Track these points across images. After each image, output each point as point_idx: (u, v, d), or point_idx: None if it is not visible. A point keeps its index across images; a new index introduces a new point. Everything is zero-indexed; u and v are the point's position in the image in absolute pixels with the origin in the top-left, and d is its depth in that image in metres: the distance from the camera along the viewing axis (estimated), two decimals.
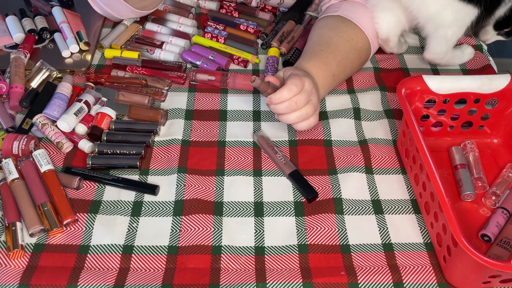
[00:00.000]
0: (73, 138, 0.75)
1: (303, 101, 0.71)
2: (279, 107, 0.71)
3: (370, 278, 0.60)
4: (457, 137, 0.78)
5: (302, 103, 0.71)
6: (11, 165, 0.68)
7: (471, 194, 0.69)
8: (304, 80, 0.72)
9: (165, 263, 0.62)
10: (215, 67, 0.89)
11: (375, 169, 0.74)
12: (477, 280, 0.57)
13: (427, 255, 0.63)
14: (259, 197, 0.70)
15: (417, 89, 0.72)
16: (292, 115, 0.72)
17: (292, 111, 0.72)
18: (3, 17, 0.97)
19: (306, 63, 0.79)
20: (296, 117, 0.72)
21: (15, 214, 0.64)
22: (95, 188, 0.70)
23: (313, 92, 0.73)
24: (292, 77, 0.71)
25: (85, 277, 0.59)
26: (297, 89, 0.70)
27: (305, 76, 0.73)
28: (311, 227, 0.66)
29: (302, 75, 0.73)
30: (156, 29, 0.98)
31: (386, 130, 0.80)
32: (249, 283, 0.60)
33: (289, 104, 0.71)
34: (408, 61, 0.95)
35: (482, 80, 0.72)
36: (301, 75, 0.72)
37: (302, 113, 0.72)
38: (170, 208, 0.68)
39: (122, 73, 0.88)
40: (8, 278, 0.59)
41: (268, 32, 0.99)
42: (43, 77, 0.85)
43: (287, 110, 0.71)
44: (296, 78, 0.71)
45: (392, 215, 0.68)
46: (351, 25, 0.84)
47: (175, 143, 0.77)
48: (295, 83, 0.70)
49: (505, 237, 0.64)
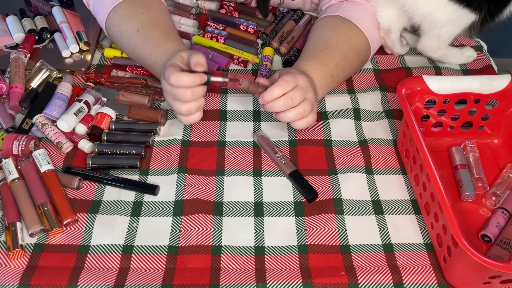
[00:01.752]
0: (73, 138, 0.75)
1: (298, 97, 0.70)
2: (275, 105, 0.70)
3: (370, 278, 0.60)
4: (457, 137, 0.78)
5: (298, 99, 0.71)
6: (11, 165, 0.68)
7: (471, 195, 0.69)
8: (297, 77, 0.71)
9: (165, 263, 0.62)
10: (215, 67, 0.89)
11: (375, 169, 0.74)
12: (477, 281, 0.57)
13: (427, 256, 0.63)
14: (259, 197, 0.70)
15: (417, 89, 0.72)
16: (290, 112, 0.71)
17: (289, 107, 0.71)
18: (3, 17, 0.97)
19: (304, 64, 0.79)
20: (294, 114, 0.71)
21: (15, 214, 0.64)
22: (95, 188, 0.70)
23: (309, 89, 0.73)
24: (284, 75, 0.71)
25: (85, 277, 0.59)
26: (289, 86, 0.70)
27: (300, 74, 0.72)
28: (311, 227, 0.66)
29: (296, 73, 0.72)
30: None
31: (386, 130, 0.80)
32: (249, 283, 0.60)
33: (285, 101, 0.70)
34: (408, 61, 0.95)
35: (482, 80, 0.72)
36: (295, 73, 0.72)
37: (300, 110, 0.71)
38: (170, 208, 0.68)
39: (122, 73, 0.88)
40: (8, 278, 0.59)
41: (268, 32, 0.99)
42: (43, 77, 0.85)
43: (284, 106, 0.70)
44: (288, 75, 0.71)
45: (392, 216, 0.68)
46: (351, 25, 0.84)
47: (175, 143, 0.77)
48: (286, 80, 0.70)
49: (505, 238, 0.64)
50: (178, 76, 0.66)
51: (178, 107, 0.70)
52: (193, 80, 0.67)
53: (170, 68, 0.67)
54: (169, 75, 0.67)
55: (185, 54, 0.70)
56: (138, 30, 0.78)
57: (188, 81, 0.67)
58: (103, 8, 0.82)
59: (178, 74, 0.66)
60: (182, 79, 0.67)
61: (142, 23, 0.79)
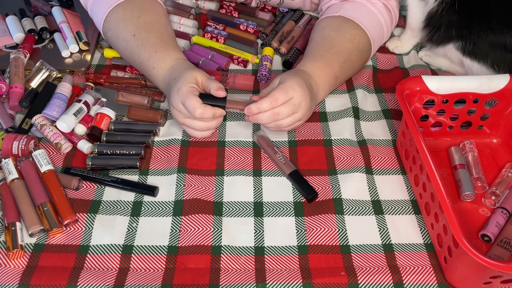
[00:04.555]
0: (72, 138, 0.75)
1: (285, 113, 0.70)
2: (260, 117, 0.71)
3: (370, 278, 0.60)
4: (456, 137, 0.78)
5: (285, 115, 0.71)
6: (10, 165, 0.68)
7: (471, 194, 0.69)
8: (291, 92, 0.70)
9: (164, 263, 0.62)
10: (215, 67, 0.89)
11: (375, 169, 0.74)
12: (478, 281, 0.57)
13: (427, 256, 0.63)
14: (259, 197, 0.70)
15: (416, 89, 0.72)
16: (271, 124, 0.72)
17: (274, 121, 0.71)
18: (3, 17, 0.97)
19: (310, 64, 0.79)
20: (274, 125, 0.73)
21: (14, 214, 0.64)
22: (95, 188, 0.70)
23: (301, 106, 0.71)
24: (277, 89, 0.71)
25: (84, 277, 0.59)
26: (278, 103, 0.70)
27: (296, 87, 0.71)
28: (311, 228, 0.66)
29: (292, 86, 0.71)
30: None
31: (386, 130, 0.80)
32: (249, 283, 0.60)
33: (271, 115, 0.70)
34: (406, 60, 0.95)
35: (481, 80, 0.72)
36: (291, 86, 0.70)
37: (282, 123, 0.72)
38: (169, 208, 0.68)
39: (121, 73, 0.87)
40: (7, 278, 0.59)
41: (268, 32, 0.98)
42: (42, 77, 0.85)
43: (269, 121, 0.71)
44: (280, 91, 0.70)
45: (392, 216, 0.68)
46: (354, 25, 0.84)
47: (175, 143, 0.77)
48: (275, 97, 0.70)
49: (505, 237, 0.64)
50: (204, 111, 0.69)
51: (192, 132, 0.74)
52: (215, 115, 0.71)
53: (192, 99, 0.69)
54: (194, 108, 0.69)
55: (200, 77, 0.72)
56: (134, 34, 0.78)
57: (211, 115, 0.70)
58: (99, 13, 0.82)
59: (203, 108, 0.69)
60: (207, 114, 0.70)
61: (138, 27, 0.79)
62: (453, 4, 0.80)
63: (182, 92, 0.70)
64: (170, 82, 0.74)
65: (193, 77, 0.71)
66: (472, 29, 0.80)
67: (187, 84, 0.70)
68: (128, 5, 0.81)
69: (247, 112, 0.71)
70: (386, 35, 0.91)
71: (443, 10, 0.81)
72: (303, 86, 0.72)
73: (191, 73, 0.72)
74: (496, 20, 0.78)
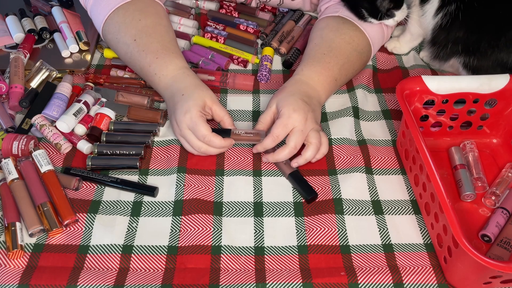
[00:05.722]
0: (72, 139, 0.75)
1: (299, 142, 0.71)
2: (281, 157, 0.71)
3: (370, 278, 0.60)
4: (457, 137, 0.78)
5: (299, 143, 0.71)
6: (10, 165, 0.68)
7: (471, 194, 0.69)
8: (290, 122, 0.70)
9: (164, 263, 0.62)
10: (215, 67, 0.89)
11: (375, 169, 0.74)
12: (478, 281, 0.57)
13: (427, 256, 0.63)
14: (258, 197, 0.70)
15: (416, 89, 0.72)
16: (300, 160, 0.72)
17: (293, 153, 0.72)
18: (3, 17, 0.97)
19: (307, 69, 0.79)
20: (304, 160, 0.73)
21: (14, 214, 0.64)
22: (95, 188, 0.70)
23: (307, 125, 0.71)
24: (275, 126, 0.71)
25: (84, 277, 0.59)
26: (282, 137, 0.71)
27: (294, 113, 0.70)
28: (311, 228, 0.66)
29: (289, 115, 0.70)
30: None
31: (385, 130, 0.80)
32: (249, 283, 0.60)
33: (290, 151, 0.71)
34: (406, 60, 0.95)
35: (481, 80, 0.72)
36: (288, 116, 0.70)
37: (307, 157, 0.72)
38: (169, 208, 0.68)
39: (121, 73, 0.87)
40: (7, 278, 0.59)
41: (268, 32, 0.99)
42: (42, 77, 0.85)
43: (290, 155, 0.71)
44: (279, 127, 0.70)
45: (392, 216, 0.68)
46: (353, 26, 0.84)
47: (175, 143, 0.77)
48: (277, 134, 0.70)
49: (505, 237, 0.64)
50: (213, 139, 0.70)
51: (187, 147, 0.74)
52: (223, 146, 0.72)
53: (202, 126, 0.70)
54: (204, 135, 0.70)
55: (209, 101, 0.73)
56: (135, 39, 0.78)
57: (219, 145, 0.71)
58: (100, 15, 0.82)
59: (212, 137, 0.70)
60: (214, 143, 0.71)
61: (139, 32, 0.78)
62: (457, 15, 0.79)
63: (191, 116, 0.70)
64: (175, 94, 0.73)
65: (202, 99, 0.72)
66: (480, 46, 0.80)
67: (197, 108, 0.71)
68: (129, 8, 0.80)
69: (254, 151, 0.74)
70: (387, 36, 0.91)
71: (447, 23, 0.80)
72: (300, 106, 0.72)
73: (200, 95, 0.72)
74: (504, 38, 0.78)
